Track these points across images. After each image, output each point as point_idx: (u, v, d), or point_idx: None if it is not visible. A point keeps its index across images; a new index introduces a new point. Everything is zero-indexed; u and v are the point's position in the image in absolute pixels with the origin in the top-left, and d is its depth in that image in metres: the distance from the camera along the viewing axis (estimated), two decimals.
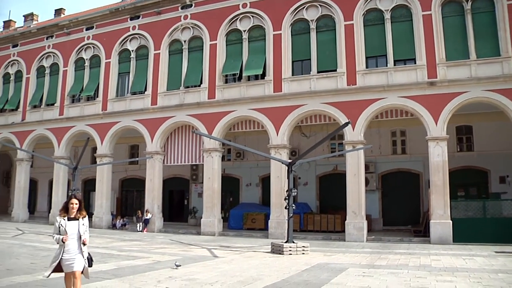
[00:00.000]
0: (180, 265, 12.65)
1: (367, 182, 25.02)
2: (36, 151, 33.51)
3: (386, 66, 22.29)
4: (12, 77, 35.90)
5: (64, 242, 7.15)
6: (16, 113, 34.94)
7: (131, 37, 29.90)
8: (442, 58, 21.20)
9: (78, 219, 7.41)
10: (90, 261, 7.49)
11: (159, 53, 28.30)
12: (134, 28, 29.77)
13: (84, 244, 7.37)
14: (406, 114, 22.37)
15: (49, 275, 7.33)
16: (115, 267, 12.06)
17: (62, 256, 7.18)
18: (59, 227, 7.28)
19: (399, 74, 21.95)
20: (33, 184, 37.52)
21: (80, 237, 7.33)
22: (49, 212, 31.97)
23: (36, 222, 32.57)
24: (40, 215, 38.64)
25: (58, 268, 7.26)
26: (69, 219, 7.38)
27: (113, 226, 29.25)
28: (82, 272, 7.36)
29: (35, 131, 33.31)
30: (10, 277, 10.12)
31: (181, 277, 10.62)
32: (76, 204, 7.43)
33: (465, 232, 19.66)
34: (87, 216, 7.58)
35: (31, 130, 33.54)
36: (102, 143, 29.63)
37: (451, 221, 19.93)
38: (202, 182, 27.49)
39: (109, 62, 30.36)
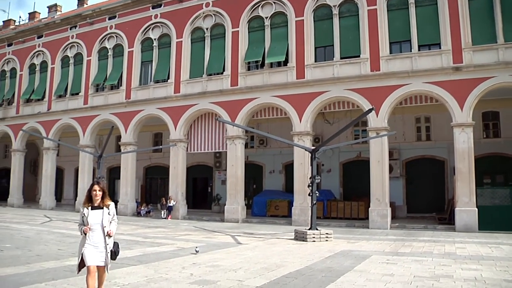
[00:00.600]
0: (199, 250, 12.86)
1: (391, 169, 24.85)
2: (62, 140, 34.04)
3: (410, 51, 21.92)
4: (38, 68, 36.45)
5: (85, 234, 6.60)
6: (42, 103, 35.50)
7: (153, 25, 30.00)
8: (468, 42, 20.76)
9: (102, 208, 6.76)
10: (114, 255, 6.85)
11: (181, 41, 28.35)
12: (156, 16, 29.85)
13: (109, 236, 6.71)
14: (430, 100, 22.05)
15: (79, 271, 6.77)
16: (140, 254, 12.21)
17: (84, 248, 6.59)
18: (82, 217, 6.74)
19: (424, 59, 21.58)
20: (59, 173, 38.15)
21: (104, 228, 6.70)
22: (75, 200, 32.51)
23: (63, 209, 33.16)
24: (67, 202, 39.36)
25: (82, 263, 6.67)
26: (93, 207, 6.75)
27: (138, 213, 29.63)
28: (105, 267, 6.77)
29: (60, 120, 33.83)
30: (40, 262, 10.34)
31: (205, 264, 10.71)
32: (99, 191, 6.74)
33: (491, 220, 19.38)
34: (113, 205, 6.91)
35: (56, 120, 34.07)
36: (126, 132, 29.92)
37: (476, 209, 19.65)
38: (226, 170, 27.62)
39: (132, 51, 30.54)
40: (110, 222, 6.81)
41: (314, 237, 15.93)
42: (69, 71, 34.24)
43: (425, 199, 26.77)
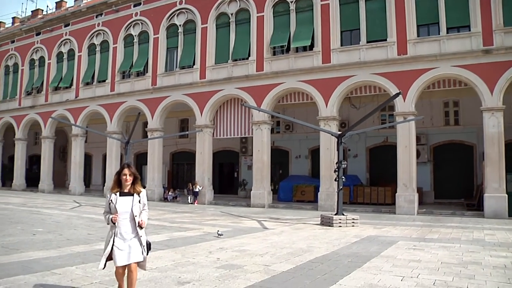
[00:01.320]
0: (222, 234, 13.03)
1: (418, 154, 24.58)
2: (89, 126, 34.54)
3: (439, 34, 21.50)
4: (65, 56, 36.99)
5: (114, 223, 5.72)
6: (70, 91, 36.05)
7: (178, 12, 30.04)
8: (499, 24, 20.22)
9: (132, 195, 5.87)
10: (148, 248, 5.93)
11: (206, 27, 28.34)
12: (181, 2, 29.86)
13: (141, 228, 5.81)
14: (459, 84, 21.66)
15: (104, 266, 5.83)
16: (168, 238, 12.35)
17: (113, 241, 5.71)
18: (109, 204, 5.85)
19: (452, 42, 21.14)
20: (87, 159, 38.78)
21: (134, 217, 5.82)
22: (104, 185, 33.07)
23: (91, 195, 33.74)
24: (95, 188, 40.04)
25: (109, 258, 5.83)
26: (122, 194, 5.86)
27: (165, 199, 29.97)
28: (138, 264, 5.84)
29: (88, 107, 34.33)
30: (70, 246, 10.55)
31: (232, 248, 10.79)
32: (129, 175, 5.86)
33: None
34: (145, 192, 6.01)
35: (84, 107, 34.58)
36: (152, 118, 30.18)
37: (506, 195, 19.31)
38: (252, 155, 27.69)
39: (157, 37, 30.67)
40: (141, 211, 5.91)
41: (340, 223, 15.91)
42: (96, 59, 34.63)
43: (453, 185, 26.43)
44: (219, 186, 33.84)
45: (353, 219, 16.25)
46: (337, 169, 16.89)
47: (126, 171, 5.90)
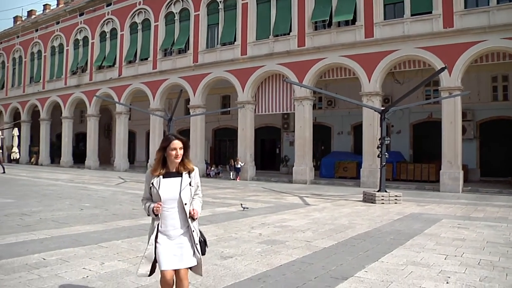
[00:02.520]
0: (247, 208, 13.32)
1: (464, 130, 23.98)
2: (133, 104, 35.14)
3: (488, 5, 20.66)
4: (108, 35, 37.57)
5: (156, 215, 4.17)
6: (113, 69, 36.69)
7: None
8: None
9: (181, 175, 4.28)
10: (203, 245, 4.37)
11: (247, 2, 28.18)
12: None
13: (193, 219, 4.26)
14: (509, 57, 20.89)
15: (150, 273, 4.25)
16: (211, 214, 12.52)
17: (156, 239, 4.19)
18: (150, 189, 4.27)
19: (503, 13, 20.24)
20: (131, 136, 39.56)
21: (185, 205, 4.22)
22: (147, 162, 33.71)
23: (135, 171, 34.45)
24: (139, 164, 40.93)
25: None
26: (167, 174, 4.27)
27: (207, 175, 30.33)
28: (190, 269, 4.25)
29: (131, 85, 34.88)
30: (116, 221, 10.84)
31: (274, 224, 10.86)
32: (180, 149, 4.23)
33: None
34: (197, 170, 4.43)
35: (127, 85, 35.16)
36: (194, 95, 30.42)
37: None
38: (294, 131, 27.62)
39: (198, 14, 30.71)
40: (192, 198, 4.33)
41: (383, 199, 15.78)
42: (138, 37, 35.04)
43: (500, 163, 25.72)
44: (261, 162, 33.97)
45: (396, 196, 16.09)
46: (380, 145, 16.68)
47: (175, 143, 4.20)
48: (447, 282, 5.90)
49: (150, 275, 4.24)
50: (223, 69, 29.07)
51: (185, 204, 4.18)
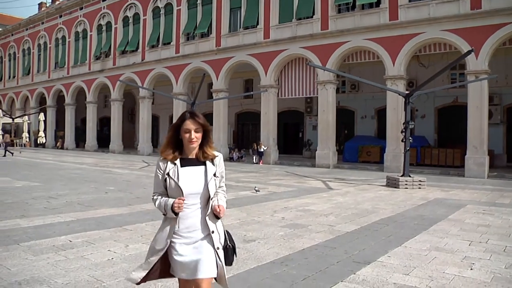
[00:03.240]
0: (259, 190, 13.48)
1: (490, 115, 23.52)
2: (156, 88, 35.36)
3: None
4: (131, 20, 37.79)
5: (176, 214, 3.22)
6: (136, 54, 36.91)
7: None
8: None
9: (204, 163, 3.34)
10: (231, 253, 3.43)
11: None
12: None
13: (217, 218, 3.35)
14: None
15: (139, 281, 3.32)
16: (233, 197, 12.58)
17: (171, 242, 3.26)
18: (165, 180, 3.30)
19: None
20: (155, 120, 39.87)
21: (208, 201, 3.31)
22: None
23: (159, 155, 34.62)
24: None
25: (165, 271, 3.36)
26: (184, 162, 3.32)
27: (230, 159, 30.44)
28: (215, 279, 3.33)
29: (154, 70, 35.07)
30: (140, 204, 10.97)
31: (296, 208, 10.88)
32: (196, 131, 3.26)
33: None
34: (221, 157, 3.49)
35: (150, 69, 35.35)
36: (217, 79, 30.45)
37: None
38: (317, 115, 27.52)
39: None
40: (216, 190, 3.39)
41: (406, 184, 15.67)
42: (160, 22, 35.14)
43: None
44: (284, 146, 33.93)
45: (420, 181, 15.95)
46: (404, 130, 16.52)
47: (190, 124, 3.24)
48: (471, 269, 5.85)
49: (139, 283, 3.29)
50: (245, 53, 29.01)
51: (212, 199, 3.26)
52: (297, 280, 5.29)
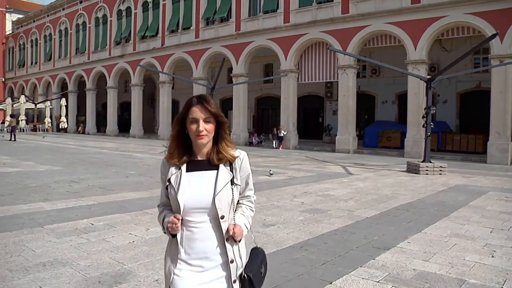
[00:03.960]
0: (273, 174, 13.73)
1: None
2: (176, 73, 35.44)
3: None
4: (150, 5, 37.87)
5: (174, 235, 2.42)
6: (155, 39, 37.01)
7: None
8: None
9: (216, 167, 2.46)
10: (247, 286, 2.43)
11: None
12: None
13: (235, 241, 2.44)
14: None
15: None
16: (253, 182, 12.60)
17: (175, 274, 2.41)
18: (167, 190, 2.50)
19: None
20: (175, 105, 39.95)
21: (220, 220, 2.41)
22: None
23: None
24: None
25: None
26: (192, 165, 2.48)
27: (250, 143, 30.49)
28: None
29: (174, 54, 35.12)
30: (160, 188, 11.08)
31: (316, 193, 10.88)
32: (204, 121, 2.40)
33: None
34: (245, 158, 2.57)
35: (170, 54, 35.42)
36: (237, 63, 30.40)
37: None
38: (337, 100, 27.37)
39: None
40: (237, 205, 2.56)
41: (427, 170, 15.54)
42: (180, 6, 35.12)
43: None
44: (304, 131, 33.83)
45: (441, 167, 15.81)
46: (425, 115, 16.34)
47: (197, 111, 2.41)
48: (493, 256, 5.80)
49: None
50: (265, 37, 28.89)
51: (222, 217, 2.38)
52: (316, 265, 5.31)
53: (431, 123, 16.35)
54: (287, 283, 4.68)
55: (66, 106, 46.08)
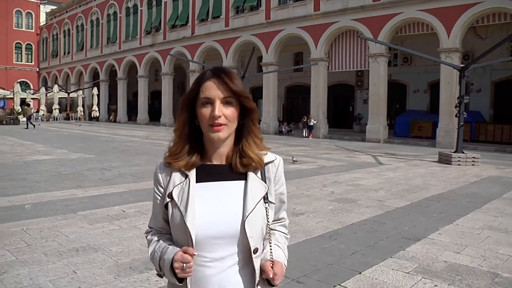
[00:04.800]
0: (297, 161, 13.59)
1: None
2: (206, 62, 35.52)
3: None
4: None
5: (181, 280, 1.55)
6: (186, 28, 37.18)
7: None
8: None
9: (245, 175, 1.66)
10: None
11: None
12: None
13: (273, 286, 1.61)
14: None
15: None
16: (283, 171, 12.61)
17: None
18: (166, 207, 1.67)
19: None
20: None
21: (253, 255, 1.60)
22: None
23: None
24: None
25: None
26: (203, 172, 1.67)
27: (280, 132, 30.47)
28: None
29: (204, 43, 35.23)
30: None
31: (346, 182, 10.83)
32: (228, 100, 1.60)
33: None
34: (279, 162, 1.76)
35: (200, 43, 35.53)
36: (267, 52, 30.32)
37: None
38: (367, 89, 27.09)
39: None
40: (272, 227, 1.72)
41: (459, 161, 15.27)
42: None
43: None
44: (334, 120, 33.60)
45: (474, 157, 15.51)
46: (458, 105, 16.03)
47: (213, 86, 1.62)
48: None
49: None
50: (295, 26, 28.71)
51: (255, 251, 1.61)
52: (346, 255, 5.29)
53: (464, 113, 16.03)
54: (316, 272, 4.68)
55: (98, 95, 46.82)
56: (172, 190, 1.65)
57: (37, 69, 63.62)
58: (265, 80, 30.70)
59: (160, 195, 1.72)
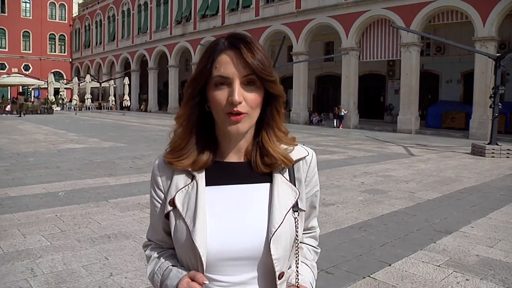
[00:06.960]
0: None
1: None
2: None
3: None
4: None
5: None
6: (216, 18, 37.25)
7: None
8: None
9: (270, 176, 1.30)
10: None
11: None
12: None
13: None
14: None
15: None
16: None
17: None
18: (167, 217, 1.31)
19: None
20: None
21: (278, 280, 1.24)
22: None
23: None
24: None
25: None
26: (214, 173, 1.30)
27: (310, 122, 30.37)
28: None
29: None
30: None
31: (376, 173, 10.73)
32: (250, 79, 1.22)
33: None
34: (312, 158, 1.39)
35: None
36: (297, 41, 30.17)
37: None
38: (399, 79, 26.73)
39: None
40: (301, 241, 1.38)
41: (493, 153, 14.96)
42: None
43: None
44: (365, 110, 33.27)
45: (509, 150, 15.17)
46: (493, 95, 15.69)
47: (227, 62, 1.23)
48: None
49: None
50: (326, 15, 28.46)
51: (280, 276, 1.25)
52: (376, 246, 5.25)
53: (499, 104, 15.69)
54: (346, 263, 4.66)
55: (129, 85, 47.35)
56: (174, 196, 1.29)
57: (70, 60, 64.69)
58: (295, 70, 30.58)
59: (160, 201, 1.36)
